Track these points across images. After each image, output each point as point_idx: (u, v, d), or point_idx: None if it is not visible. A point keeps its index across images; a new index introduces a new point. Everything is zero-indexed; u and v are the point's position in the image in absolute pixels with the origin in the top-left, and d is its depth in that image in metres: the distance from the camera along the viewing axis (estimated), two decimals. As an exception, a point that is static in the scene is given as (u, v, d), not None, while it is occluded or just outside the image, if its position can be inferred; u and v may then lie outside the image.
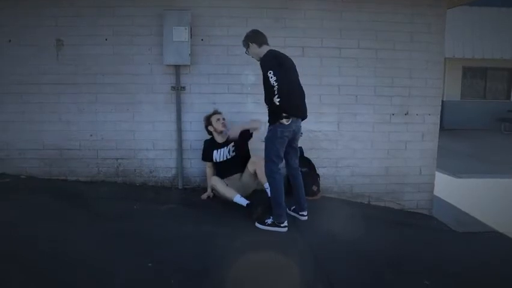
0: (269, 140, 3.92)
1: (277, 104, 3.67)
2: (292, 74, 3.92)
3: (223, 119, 4.77)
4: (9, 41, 4.85)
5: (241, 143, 4.73)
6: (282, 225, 3.92)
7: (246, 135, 4.72)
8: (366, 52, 5.15)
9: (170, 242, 3.57)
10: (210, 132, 4.81)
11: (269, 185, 4.02)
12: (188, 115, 5.06)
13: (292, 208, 4.36)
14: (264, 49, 3.96)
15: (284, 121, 3.78)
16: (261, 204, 4.24)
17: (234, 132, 4.49)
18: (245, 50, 4.10)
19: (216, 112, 4.79)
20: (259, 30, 4.09)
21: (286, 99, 3.67)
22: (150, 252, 3.32)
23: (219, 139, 4.79)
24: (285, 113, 3.77)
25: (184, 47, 4.78)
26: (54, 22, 4.84)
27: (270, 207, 4.32)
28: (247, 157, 4.71)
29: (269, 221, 3.97)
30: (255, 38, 4.01)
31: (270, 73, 3.65)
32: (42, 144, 5.01)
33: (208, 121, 4.78)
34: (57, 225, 3.72)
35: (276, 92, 3.63)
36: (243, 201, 4.38)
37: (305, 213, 4.28)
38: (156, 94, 5.01)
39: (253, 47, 4.00)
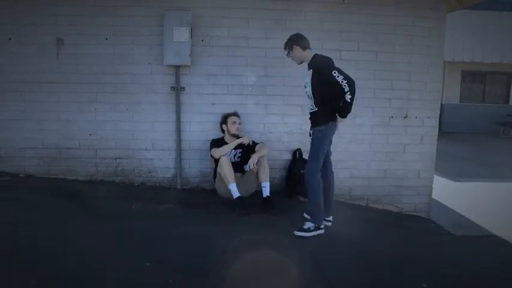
0: (319, 141, 3.94)
1: (349, 101, 3.72)
2: None
3: (239, 123, 4.77)
4: (10, 39, 4.84)
5: (249, 153, 4.72)
6: (321, 227, 3.91)
7: (253, 150, 4.72)
8: (366, 55, 5.16)
9: (169, 241, 3.58)
10: (222, 130, 4.82)
11: (309, 185, 3.97)
12: (187, 115, 5.06)
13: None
14: (308, 53, 3.98)
15: (333, 121, 3.90)
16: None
17: (253, 162, 4.50)
18: (286, 52, 4.09)
19: (234, 114, 4.80)
20: (302, 33, 4.09)
21: (353, 95, 3.72)
22: (149, 252, 3.33)
23: (229, 140, 4.78)
24: (346, 114, 3.85)
25: (185, 47, 4.79)
26: (55, 21, 4.84)
27: (264, 207, 4.37)
28: None
29: (311, 226, 3.91)
30: (299, 41, 4.01)
31: (335, 73, 3.71)
32: (41, 143, 5.00)
33: (224, 120, 4.79)
34: (57, 224, 3.73)
35: (347, 89, 3.67)
36: (235, 192, 4.41)
37: (331, 218, 4.22)
38: (156, 94, 5.01)
39: (297, 50, 4.00)
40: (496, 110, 15.38)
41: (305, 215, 4.40)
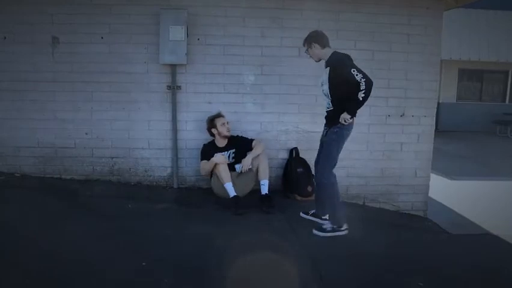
0: (333, 142, 3.89)
1: (361, 99, 3.65)
2: None
3: (228, 122, 4.75)
4: (5, 38, 4.81)
5: (243, 151, 4.73)
6: (342, 228, 3.85)
7: (248, 145, 4.74)
8: (363, 53, 5.14)
9: (167, 241, 3.57)
10: (212, 134, 4.79)
11: (324, 187, 3.94)
12: (184, 114, 5.05)
13: (311, 212, 4.31)
14: (328, 51, 3.92)
15: (350, 120, 3.80)
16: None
17: (247, 165, 4.53)
18: (305, 49, 4.03)
19: (219, 115, 4.76)
20: (322, 31, 4.02)
21: (367, 96, 3.67)
22: (147, 251, 3.33)
23: (220, 143, 4.77)
24: (353, 111, 3.78)
25: (181, 46, 4.77)
26: (50, 19, 4.81)
27: (262, 204, 4.42)
28: None
29: (328, 227, 3.89)
30: (318, 38, 3.95)
31: (353, 71, 3.64)
32: (37, 142, 4.98)
33: (212, 123, 4.74)
34: (53, 224, 3.71)
35: (363, 87, 3.62)
36: (231, 191, 4.40)
37: (327, 217, 4.18)
38: (152, 93, 5.00)
39: (316, 47, 3.93)
40: (492, 108, 15.41)
41: (302, 215, 4.39)
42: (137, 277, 2.93)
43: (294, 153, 5.15)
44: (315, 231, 3.92)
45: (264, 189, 4.51)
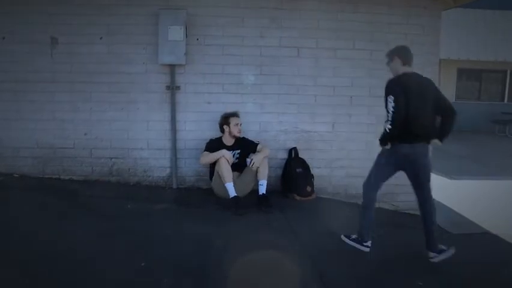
0: (375, 161, 3.88)
1: (387, 131, 3.51)
2: (417, 101, 3.58)
3: (241, 124, 4.76)
4: (3, 38, 4.81)
5: (247, 153, 4.77)
6: (364, 243, 3.76)
7: (253, 149, 4.76)
8: (361, 53, 5.16)
9: (165, 241, 3.57)
10: (222, 131, 4.79)
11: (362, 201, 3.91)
12: (183, 114, 5.04)
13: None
14: (403, 69, 3.70)
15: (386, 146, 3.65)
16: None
17: (258, 161, 4.56)
18: (387, 61, 3.83)
19: (235, 115, 4.76)
20: (410, 49, 3.81)
21: (397, 129, 3.49)
22: (146, 251, 3.33)
23: (228, 141, 4.77)
24: (390, 140, 3.61)
25: (180, 46, 4.77)
26: (49, 20, 4.81)
27: (260, 204, 4.43)
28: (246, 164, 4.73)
29: (353, 236, 3.85)
30: (402, 53, 3.75)
31: (390, 97, 3.47)
32: (36, 143, 4.97)
33: (226, 121, 4.74)
34: (52, 224, 3.71)
35: (389, 119, 3.47)
36: (232, 192, 4.41)
37: (432, 254, 3.63)
38: (151, 93, 4.99)
39: (397, 62, 3.73)
40: (491, 108, 15.39)
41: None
42: (137, 277, 2.93)
43: (293, 153, 5.15)
44: (342, 236, 3.89)
45: (262, 190, 4.52)
